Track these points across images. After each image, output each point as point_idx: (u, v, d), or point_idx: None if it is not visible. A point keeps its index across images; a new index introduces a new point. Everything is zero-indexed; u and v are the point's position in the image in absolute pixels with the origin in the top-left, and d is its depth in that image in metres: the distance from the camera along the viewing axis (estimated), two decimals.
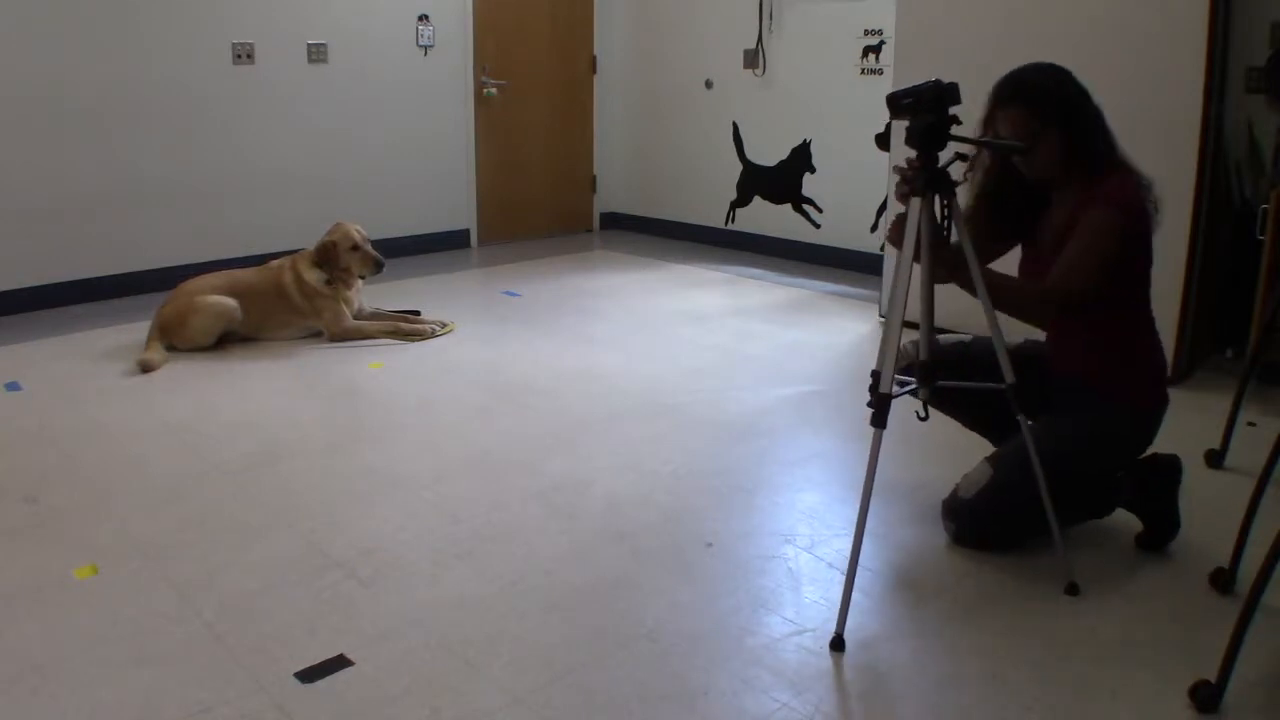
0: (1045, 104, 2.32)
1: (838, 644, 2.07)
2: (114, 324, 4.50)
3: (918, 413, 2.36)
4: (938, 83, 2.10)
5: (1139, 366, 2.46)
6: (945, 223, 2.20)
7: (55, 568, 2.37)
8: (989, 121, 2.39)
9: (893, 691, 1.93)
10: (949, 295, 2.34)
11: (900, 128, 2.18)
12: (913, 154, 2.17)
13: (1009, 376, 2.26)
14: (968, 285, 2.25)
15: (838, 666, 2.00)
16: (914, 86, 2.13)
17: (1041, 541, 2.43)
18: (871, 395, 2.18)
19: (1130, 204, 2.30)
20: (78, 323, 4.55)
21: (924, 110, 2.11)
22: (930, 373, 2.31)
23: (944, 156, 2.17)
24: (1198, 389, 3.50)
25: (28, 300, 4.72)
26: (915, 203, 2.16)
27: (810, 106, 5.84)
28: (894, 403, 2.21)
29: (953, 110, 2.12)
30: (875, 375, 2.20)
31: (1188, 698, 1.85)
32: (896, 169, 2.21)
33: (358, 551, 2.46)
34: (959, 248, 2.23)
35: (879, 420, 2.14)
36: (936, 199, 2.17)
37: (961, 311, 2.55)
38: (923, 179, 2.14)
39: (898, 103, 2.15)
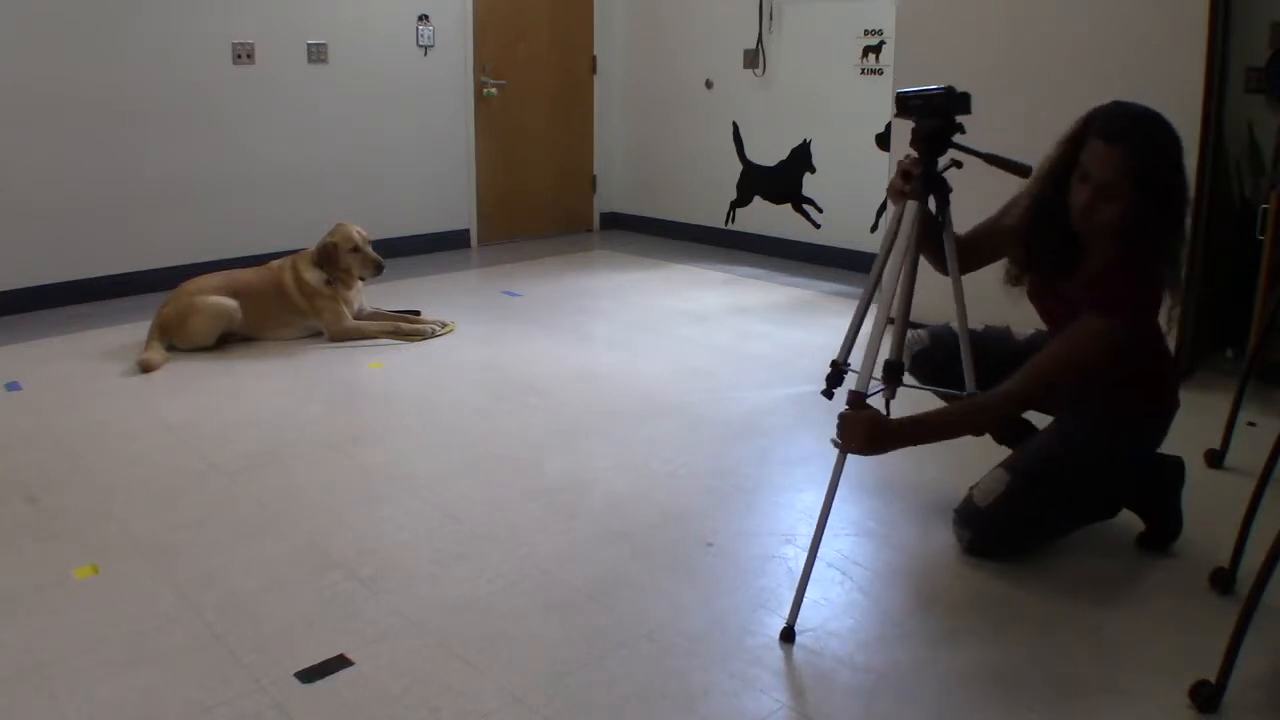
0: (1151, 167, 2.07)
1: (787, 635, 2.08)
2: (114, 324, 4.50)
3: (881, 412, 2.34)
4: (951, 90, 2.10)
5: (1142, 382, 2.38)
6: (939, 220, 2.21)
7: (55, 568, 2.37)
8: (1071, 145, 2.17)
9: (893, 691, 1.93)
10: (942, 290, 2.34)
11: (901, 129, 2.20)
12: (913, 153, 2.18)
13: (970, 385, 2.28)
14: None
15: (838, 667, 2.00)
16: (927, 90, 2.12)
17: (1042, 542, 2.44)
18: (829, 384, 2.40)
19: (1129, 319, 2.13)
20: (78, 323, 4.55)
21: (932, 114, 2.11)
22: (898, 374, 2.31)
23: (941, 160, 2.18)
24: (1198, 389, 3.50)
25: (28, 300, 4.72)
26: (911, 206, 2.17)
27: (810, 106, 5.84)
28: (892, 401, 2.24)
29: (960, 119, 2.12)
30: (834, 365, 2.28)
31: (1188, 698, 1.85)
32: (900, 163, 2.20)
33: (358, 551, 2.46)
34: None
35: (827, 394, 2.39)
36: (932, 201, 2.18)
37: (949, 311, 2.53)
38: (920, 185, 2.15)
39: (906, 102, 2.15)
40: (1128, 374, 2.29)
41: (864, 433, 2.05)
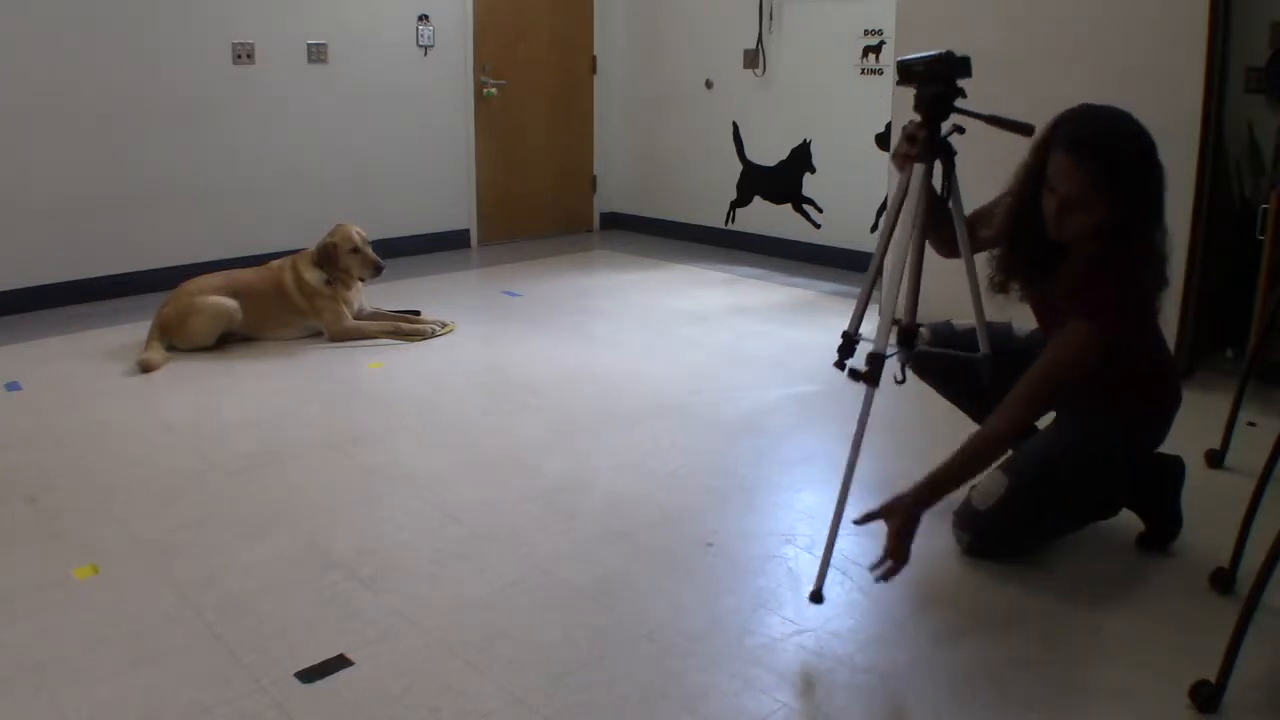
0: (1120, 175, 2.05)
1: (817, 598, 2.12)
2: (114, 324, 4.50)
3: (895, 376, 2.31)
4: (950, 54, 2.10)
5: (1139, 382, 2.37)
6: (944, 189, 2.21)
7: (55, 568, 2.37)
8: (1042, 151, 2.15)
9: (893, 692, 1.93)
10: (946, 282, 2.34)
11: (901, 107, 2.20)
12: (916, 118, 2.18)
13: (984, 347, 2.28)
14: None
15: (838, 667, 2.00)
16: (927, 55, 2.13)
17: (1041, 543, 2.44)
18: (840, 355, 2.30)
19: (1112, 319, 2.12)
20: (78, 323, 4.55)
21: (933, 80, 2.12)
22: (910, 338, 2.30)
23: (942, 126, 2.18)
24: (1198, 389, 3.50)
25: (28, 300, 4.72)
26: (918, 169, 2.17)
27: (810, 106, 5.84)
28: (878, 394, 2.25)
29: (960, 83, 2.12)
30: (845, 336, 2.26)
31: (1188, 698, 1.85)
32: (904, 128, 2.20)
33: (358, 551, 2.46)
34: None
35: (839, 365, 2.29)
36: (938, 166, 2.18)
37: (957, 299, 2.53)
38: (926, 147, 2.15)
39: (909, 69, 2.15)
40: (1121, 374, 2.28)
41: (897, 538, 2.06)
